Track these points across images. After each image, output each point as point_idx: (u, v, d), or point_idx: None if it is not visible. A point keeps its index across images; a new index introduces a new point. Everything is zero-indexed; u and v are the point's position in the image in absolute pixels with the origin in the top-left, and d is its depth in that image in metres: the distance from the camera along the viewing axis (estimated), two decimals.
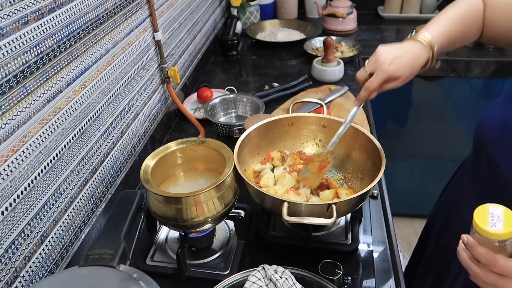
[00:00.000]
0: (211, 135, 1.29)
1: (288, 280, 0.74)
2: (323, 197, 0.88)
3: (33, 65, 0.72)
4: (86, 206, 0.91)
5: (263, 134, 1.02)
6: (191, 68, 1.64)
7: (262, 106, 1.29)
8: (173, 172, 0.93)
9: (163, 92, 1.36)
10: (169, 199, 0.78)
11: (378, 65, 0.80)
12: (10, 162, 0.67)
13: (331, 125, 1.02)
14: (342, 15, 2.03)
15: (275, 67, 1.76)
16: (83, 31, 0.87)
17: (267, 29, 2.14)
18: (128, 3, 1.07)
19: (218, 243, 0.91)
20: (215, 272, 0.84)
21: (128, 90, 1.10)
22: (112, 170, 1.03)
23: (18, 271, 0.70)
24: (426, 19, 2.19)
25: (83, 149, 0.89)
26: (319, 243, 0.89)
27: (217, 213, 0.80)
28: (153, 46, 1.25)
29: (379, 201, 1.02)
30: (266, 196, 0.81)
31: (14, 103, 0.68)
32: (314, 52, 1.82)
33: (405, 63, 0.80)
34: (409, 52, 0.81)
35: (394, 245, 0.90)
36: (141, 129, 1.20)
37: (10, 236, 0.68)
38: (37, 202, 0.74)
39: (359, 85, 0.87)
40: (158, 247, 0.91)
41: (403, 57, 0.80)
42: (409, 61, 0.80)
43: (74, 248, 0.85)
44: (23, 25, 0.69)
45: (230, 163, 0.82)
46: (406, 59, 0.80)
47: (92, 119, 0.93)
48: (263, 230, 0.93)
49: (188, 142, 0.90)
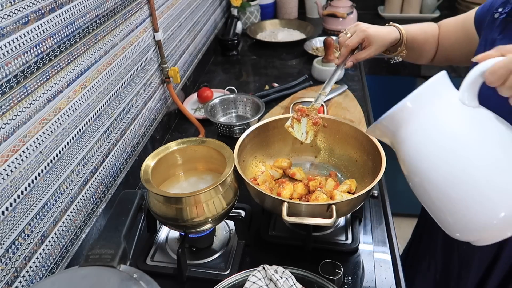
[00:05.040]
0: (211, 135, 1.29)
1: (288, 280, 0.74)
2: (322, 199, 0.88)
3: (33, 65, 0.72)
4: (86, 206, 0.91)
5: (263, 134, 1.02)
6: (191, 68, 1.64)
7: (262, 106, 1.29)
8: (174, 172, 0.93)
9: (164, 92, 1.36)
10: (170, 199, 0.78)
11: (358, 28, 0.96)
12: (10, 162, 0.67)
13: (331, 125, 1.02)
14: (342, 15, 2.03)
15: (275, 67, 1.76)
16: (84, 31, 0.87)
17: (267, 29, 2.14)
18: (129, 3, 1.07)
19: (218, 243, 0.91)
20: (215, 272, 0.84)
21: (129, 90, 1.10)
22: (112, 170, 1.03)
23: (18, 271, 0.70)
24: (426, 19, 2.20)
25: (84, 149, 0.89)
26: (319, 243, 0.89)
27: (218, 213, 0.80)
28: (153, 46, 1.25)
29: (379, 201, 1.02)
30: (266, 196, 0.81)
31: (14, 103, 0.68)
32: (314, 52, 1.82)
33: (380, 31, 0.96)
34: (384, 27, 0.98)
35: (394, 245, 0.90)
36: (141, 129, 1.20)
37: (10, 236, 0.68)
38: (38, 202, 0.74)
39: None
40: (158, 247, 0.91)
41: (378, 27, 0.97)
42: (383, 32, 0.96)
43: (74, 248, 0.85)
44: (23, 25, 0.69)
45: (230, 163, 0.82)
46: (381, 29, 0.97)
47: (93, 119, 0.93)
48: (263, 230, 0.93)
49: (188, 142, 0.90)
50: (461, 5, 2.17)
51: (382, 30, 0.96)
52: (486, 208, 0.51)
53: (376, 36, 0.94)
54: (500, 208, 0.50)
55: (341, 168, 1.03)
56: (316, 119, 0.98)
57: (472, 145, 0.54)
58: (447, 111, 0.58)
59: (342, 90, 1.46)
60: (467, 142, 0.55)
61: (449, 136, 0.56)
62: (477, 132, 0.56)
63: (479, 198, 0.52)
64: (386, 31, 0.96)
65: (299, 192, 0.92)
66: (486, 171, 0.52)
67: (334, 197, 0.89)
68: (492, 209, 0.51)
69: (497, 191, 0.51)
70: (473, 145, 0.54)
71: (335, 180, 0.97)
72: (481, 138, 0.55)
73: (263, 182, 0.95)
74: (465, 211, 0.53)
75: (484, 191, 0.52)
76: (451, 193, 0.54)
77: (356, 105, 1.40)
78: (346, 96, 1.45)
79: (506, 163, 0.52)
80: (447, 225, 0.57)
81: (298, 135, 0.99)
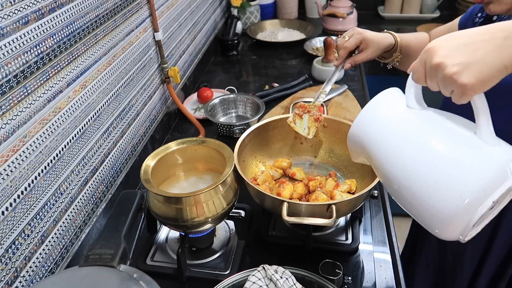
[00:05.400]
0: (211, 135, 1.29)
1: (288, 280, 0.74)
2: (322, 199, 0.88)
3: (33, 65, 0.72)
4: (86, 206, 0.91)
5: (263, 134, 1.02)
6: (191, 68, 1.64)
7: (262, 106, 1.29)
8: (174, 172, 0.93)
9: (164, 92, 1.36)
10: (170, 199, 0.78)
11: (356, 31, 1.01)
12: (10, 162, 0.67)
13: (331, 125, 1.02)
14: (342, 15, 2.03)
15: (275, 67, 1.76)
16: (84, 31, 0.87)
17: (267, 29, 2.14)
18: (128, 3, 1.07)
19: (218, 243, 0.91)
20: (215, 272, 0.84)
21: (129, 90, 1.10)
22: (112, 170, 1.03)
23: (18, 271, 0.70)
24: (426, 19, 2.21)
25: (84, 149, 0.89)
26: (319, 243, 0.89)
27: (218, 213, 0.80)
28: (153, 46, 1.25)
29: (379, 201, 1.02)
30: (266, 196, 0.81)
31: (14, 103, 0.68)
32: (314, 52, 1.82)
33: (376, 36, 1.01)
34: (379, 33, 1.03)
35: (394, 245, 0.90)
36: (141, 129, 1.20)
37: (10, 236, 0.68)
38: (38, 202, 0.74)
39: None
40: (159, 247, 0.91)
41: (373, 32, 1.02)
42: (379, 37, 1.01)
43: (74, 248, 0.85)
44: (23, 25, 0.69)
45: (230, 163, 0.82)
46: (376, 34, 1.02)
47: (93, 119, 0.93)
48: (263, 230, 0.93)
49: (188, 142, 0.90)
50: (461, 5, 2.16)
51: (378, 34, 1.02)
52: (452, 198, 0.53)
53: (372, 40, 0.99)
54: (462, 195, 0.52)
55: (341, 168, 1.03)
56: (317, 116, 0.99)
57: (421, 143, 0.58)
58: (396, 116, 0.63)
59: (342, 90, 1.47)
60: (416, 141, 0.58)
61: (401, 138, 0.60)
62: (423, 131, 0.59)
63: (444, 191, 0.54)
64: (381, 36, 1.02)
65: (299, 192, 0.92)
66: (440, 164, 0.55)
67: (334, 197, 0.89)
68: (456, 198, 0.53)
69: (455, 180, 0.53)
70: (422, 143, 0.58)
71: (335, 180, 0.97)
72: (428, 135, 0.58)
73: (263, 182, 0.95)
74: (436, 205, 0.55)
75: (445, 183, 0.54)
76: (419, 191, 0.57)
77: (356, 105, 1.40)
78: (346, 96, 1.45)
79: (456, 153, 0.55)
80: (426, 222, 0.59)
81: (301, 130, 1.00)
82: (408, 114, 0.62)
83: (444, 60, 0.52)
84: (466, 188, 0.52)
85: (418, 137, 0.58)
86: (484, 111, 0.54)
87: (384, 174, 0.63)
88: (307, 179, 0.97)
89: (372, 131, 0.64)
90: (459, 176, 0.53)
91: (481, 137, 0.55)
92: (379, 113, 0.64)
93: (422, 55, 0.56)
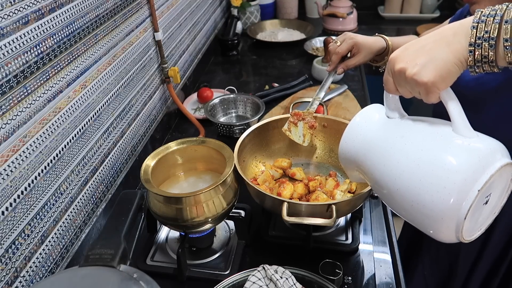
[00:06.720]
0: (211, 135, 1.29)
1: (288, 280, 0.74)
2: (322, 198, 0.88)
3: (33, 65, 0.72)
4: (86, 206, 0.91)
5: (263, 134, 1.02)
6: (191, 68, 1.64)
7: (262, 106, 1.29)
8: (174, 172, 0.93)
9: (164, 92, 1.36)
10: (170, 199, 0.78)
11: (347, 36, 1.03)
12: (10, 162, 0.67)
13: (331, 125, 1.02)
14: (342, 15, 2.03)
15: (275, 67, 1.76)
16: (84, 31, 0.87)
17: (267, 29, 2.14)
18: (128, 3, 1.07)
19: (218, 243, 0.91)
20: (215, 272, 0.84)
21: (129, 90, 1.10)
22: (112, 170, 1.03)
23: (18, 271, 0.70)
24: (426, 19, 2.21)
25: (84, 149, 0.89)
26: (319, 243, 0.89)
27: (217, 213, 0.80)
28: (153, 46, 1.25)
29: (379, 201, 1.02)
30: (266, 196, 0.81)
31: (14, 103, 0.68)
32: (314, 52, 1.82)
33: (367, 40, 1.02)
34: (370, 37, 1.04)
35: (394, 245, 0.90)
36: (141, 129, 1.20)
37: (10, 236, 0.68)
38: (38, 202, 0.74)
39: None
40: (158, 247, 0.91)
41: (365, 36, 1.03)
42: (370, 41, 1.02)
43: (74, 248, 0.85)
44: (23, 25, 0.69)
45: (230, 163, 0.82)
46: (367, 38, 1.03)
47: (93, 119, 0.93)
48: (263, 230, 0.93)
49: (188, 142, 0.90)
50: (461, 5, 2.16)
51: (369, 38, 1.03)
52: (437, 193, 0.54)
53: (364, 44, 1.01)
54: (446, 187, 0.53)
55: (341, 168, 1.02)
56: (312, 123, 1.01)
57: (402, 146, 0.61)
58: (377, 128, 0.67)
59: (342, 90, 1.46)
60: (397, 146, 0.61)
61: (383, 146, 0.64)
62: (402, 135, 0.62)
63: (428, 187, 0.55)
64: (373, 39, 1.03)
65: (299, 192, 0.92)
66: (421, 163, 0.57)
67: (334, 197, 0.89)
68: (441, 192, 0.54)
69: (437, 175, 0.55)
70: (402, 146, 0.61)
71: (335, 180, 0.97)
72: (406, 139, 0.61)
73: (263, 182, 0.95)
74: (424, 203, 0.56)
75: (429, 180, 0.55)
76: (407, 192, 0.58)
77: (356, 105, 1.40)
78: (346, 96, 1.45)
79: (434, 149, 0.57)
80: (420, 224, 0.60)
81: (296, 138, 1.02)
82: (387, 124, 0.66)
83: (404, 65, 0.56)
84: (448, 180, 0.53)
85: (398, 142, 0.61)
86: (455, 106, 0.57)
87: (374, 182, 0.66)
88: (307, 179, 0.97)
89: (358, 145, 0.68)
90: (440, 171, 0.55)
91: (457, 131, 0.57)
92: (362, 127, 0.68)
93: (387, 65, 0.60)
